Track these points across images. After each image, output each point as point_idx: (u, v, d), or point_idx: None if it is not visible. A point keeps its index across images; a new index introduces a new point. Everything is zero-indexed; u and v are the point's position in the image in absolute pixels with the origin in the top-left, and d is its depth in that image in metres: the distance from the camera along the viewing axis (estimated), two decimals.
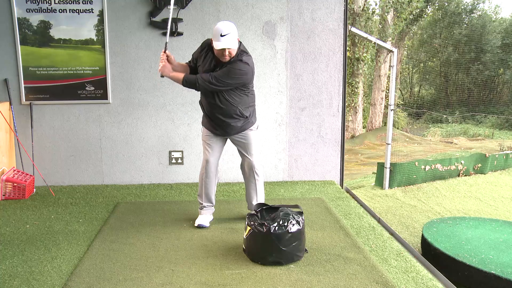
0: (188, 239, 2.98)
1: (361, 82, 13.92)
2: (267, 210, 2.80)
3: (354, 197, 4.24)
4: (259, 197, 3.28)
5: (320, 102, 4.52)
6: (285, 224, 2.55)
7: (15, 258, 2.68)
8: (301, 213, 2.70)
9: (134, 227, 3.23)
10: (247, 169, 3.24)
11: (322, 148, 4.61)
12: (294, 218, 2.60)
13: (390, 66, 6.54)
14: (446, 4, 21.27)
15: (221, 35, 2.73)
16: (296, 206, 2.82)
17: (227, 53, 2.80)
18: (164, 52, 3.00)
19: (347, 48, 6.35)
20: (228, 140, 3.24)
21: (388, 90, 8.82)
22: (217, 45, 2.77)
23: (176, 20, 4.23)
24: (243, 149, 3.19)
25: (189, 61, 3.16)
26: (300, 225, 2.59)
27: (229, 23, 2.80)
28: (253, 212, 2.78)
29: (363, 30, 10.98)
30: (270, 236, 2.52)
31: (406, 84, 24.34)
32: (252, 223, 2.62)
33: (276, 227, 2.53)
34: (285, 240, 2.53)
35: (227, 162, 4.42)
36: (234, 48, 2.82)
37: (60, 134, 4.37)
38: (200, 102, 3.14)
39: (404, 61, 21.69)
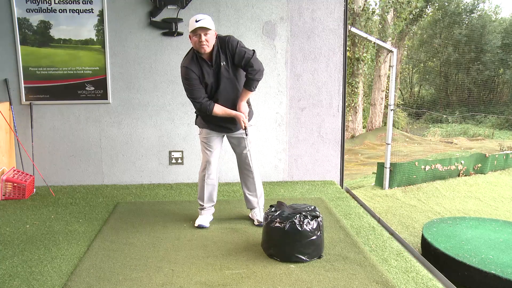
0: (188, 239, 2.98)
1: (361, 82, 13.92)
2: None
3: (354, 197, 4.23)
4: (258, 192, 3.26)
5: (320, 102, 4.53)
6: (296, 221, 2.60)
7: (15, 258, 2.68)
8: (316, 217, 2.68)
9: (134, 227, 3.23)
10: (242, 164, 3.23)
11: (322, 148, 4.61)
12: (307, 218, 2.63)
13: (390, 66, 6.54)
14: (446, 4, 21.27)
15: (196, 21, 2.75)
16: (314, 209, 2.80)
17: (203, 39, 2.77)
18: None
19: (347, 48, 6.35)
20: (227, 140, 3.24)
21: (388, 90, 8.83)
22: (192, 28, 2.75)
23: (176, 20, 4.23)
24: (241, 144, 3.16)
25: (202, 96, 2.93)
26: (301, 228, 2.58)
27: (204, 14, 2.83)
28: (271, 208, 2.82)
29: (363, 30, 10.98)
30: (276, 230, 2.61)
31: (406, 84, 24.34)
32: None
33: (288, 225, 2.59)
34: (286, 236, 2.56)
35: (227, 162, 4.42)
36: (210, 33, 2.80)
37: (60, 134, 4.37)
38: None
39: (404, 61, 21.69)
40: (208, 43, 2.81)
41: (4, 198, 3.91)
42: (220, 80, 2.93)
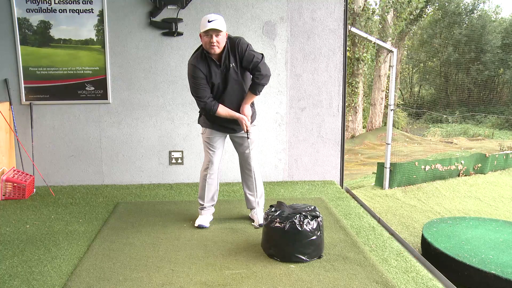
0: (188, 239, 2.98)
1: (361, 82, 13.92)
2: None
3: (354, 197, 4.23)
4: (258, 192, 3.26)
5: (320, 102, 4.53)
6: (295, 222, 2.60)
7: (15, 258, 2.68)
8: (316, 217, 2.68)
9: (134, 227, 3.23)
10: (244, 163, 3.23)
11: (322, 148, 4.61)
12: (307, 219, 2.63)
13: (390, 66, 6.54)
14: (446, 4, 21.27)
15: (209, 21, 2.74)
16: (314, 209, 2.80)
17: (214, 40, 2.76)
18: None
19: (347, 48, 6.35)
20: (228, 140, 3.24)
21: (388, 90, 8.83)
22: (204, 28, 2.73)
23: (176, 20, 4.23)
24: (244, 143, 3.15)
25: (207, 96, 2.92)
26: (301, 228, 2.58)
27: (217, 14, 2.82)
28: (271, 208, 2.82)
29: (363, 30, 10.98)
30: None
31: (406, 84, 24.34)
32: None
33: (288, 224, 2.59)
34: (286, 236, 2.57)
35: (227, 162, 4.42)
36: (222, 34, 2.79)
37: (60, 134, 4.37)
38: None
39: (404, 61, 21.69)
40: (219, 45, 2.80)
41: (4, 198, 3.91)
42: (228, 81, 2.93)
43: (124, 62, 4.30)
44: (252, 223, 3.26)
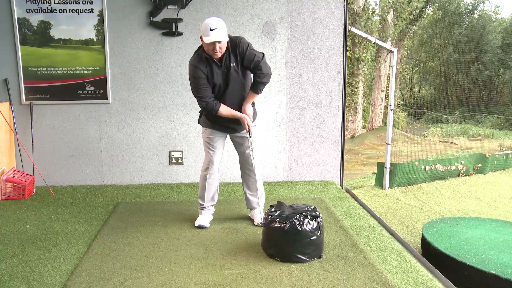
0: (188, 239, 2.98)
1: (361, 82, 13.92)
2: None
3: (354, 197, 4.23)
4: (259, 192, 3.25)
5: (320, 102, 4.53)
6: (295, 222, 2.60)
7: (15, 258, 2.68)
8: (316, 217, 2.68)
9: (134, 227, 3.23)
10: (244, 163, 3.23)
11: (322, 148, 4.61)
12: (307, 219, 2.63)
13: (390, 66, 6.54)
14: (446, 4, 21.28)
15: (211, 29, 2.72)
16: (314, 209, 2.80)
17: (217, 48, 2.77)
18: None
19: (347, 48, 6.35)
20: (228, 140, 3.24)
21: (388, 90, 8.83)
22: (207, 39, 2.72)
23: (176, 20, 4.23)
24: (245, 143, 3.15)
25: (209, 96, 2.92)
26: (301, 228, 2.58)
27: (217, 19, 2.79)
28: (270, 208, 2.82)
29: (363, 30, 10.98)
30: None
31: (406, 84, 24.34)
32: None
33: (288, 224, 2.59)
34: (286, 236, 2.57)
35: (227, 162, 4.42)
36: (224, 41, 2.80)
37: (60, 134, 4.37)
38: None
39: (404, 61, 21.69)
40: (222, 50, 2.82)
41: (4, 198, 3.91)
42: (229, 81, 2.93)
43: (124, 62, 4.30)
44: (254, 223, 3.26)
